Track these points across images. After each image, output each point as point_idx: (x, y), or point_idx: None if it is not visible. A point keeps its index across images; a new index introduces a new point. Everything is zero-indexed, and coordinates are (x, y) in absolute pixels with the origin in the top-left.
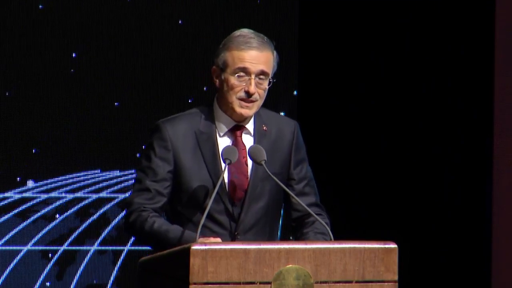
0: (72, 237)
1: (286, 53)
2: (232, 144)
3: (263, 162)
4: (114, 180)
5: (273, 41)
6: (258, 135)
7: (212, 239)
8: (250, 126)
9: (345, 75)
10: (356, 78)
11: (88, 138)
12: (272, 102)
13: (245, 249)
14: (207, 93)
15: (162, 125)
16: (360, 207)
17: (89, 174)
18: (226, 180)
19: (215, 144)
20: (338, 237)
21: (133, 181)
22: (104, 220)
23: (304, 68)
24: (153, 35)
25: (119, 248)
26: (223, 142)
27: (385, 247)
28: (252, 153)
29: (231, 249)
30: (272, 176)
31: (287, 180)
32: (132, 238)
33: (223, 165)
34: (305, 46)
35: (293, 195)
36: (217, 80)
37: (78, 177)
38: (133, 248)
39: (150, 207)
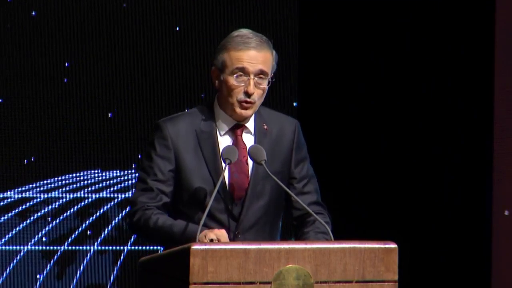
0: (72, 237)
1: (286, 53)
2: (232, 143)
3: (263, 162)
4: (114, 180)
5: (271, 40)
6: (258, 134)
7: (216, 231)
8: (250, 125)
9: (345, 75)
10: (356, 78)
11: (88, 138)
12: (271, 100)
13: (245, 249)
14: (204, 100)
15: (162, 124)
16: (360, 207)
17: (89, 174)
18: (226, 179)
19: (215, 143)
20: (338, 237)
21: (133, 180)
22: (104, 220)
23: (304, 68)
24: (152, 39)
25: (119, 248)
26: (224, 141)
27: (385, 247)
28: (252, 153)
29: (231, 249)
30: (272, 176)
31: (288, 179)
32: (133, 238)
33: (223, 164)
34: (305, 46)
35: (293, 195)
36: (217, 81)
37: (78, 177)
38: (133, 248)
39: (153, 205)
